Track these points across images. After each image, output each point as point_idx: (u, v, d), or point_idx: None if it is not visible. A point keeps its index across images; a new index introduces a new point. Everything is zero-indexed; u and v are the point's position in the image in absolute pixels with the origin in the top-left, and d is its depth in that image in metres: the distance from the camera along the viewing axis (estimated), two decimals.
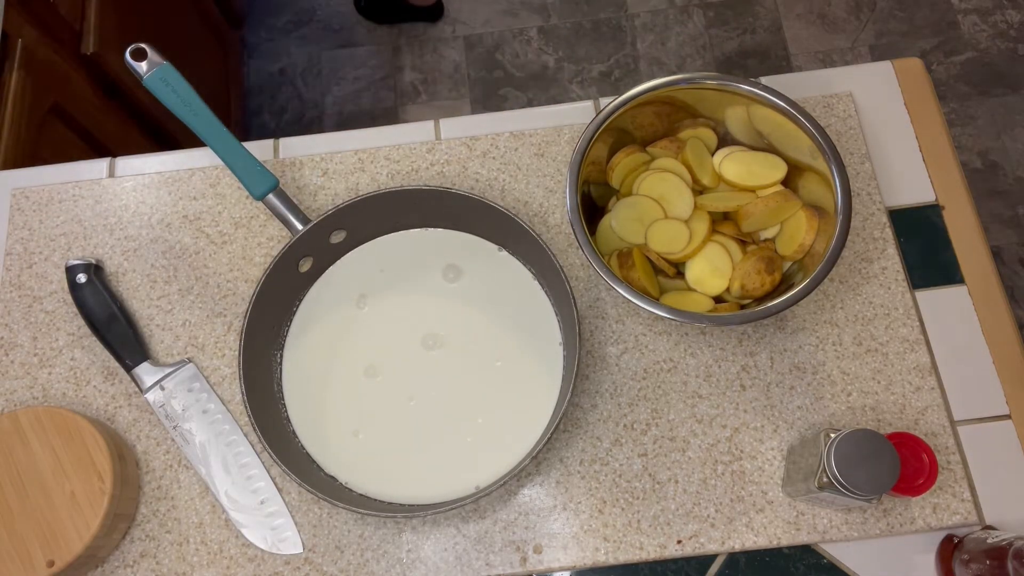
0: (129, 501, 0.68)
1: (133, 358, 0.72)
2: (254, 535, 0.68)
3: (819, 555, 0.66)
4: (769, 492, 0.67)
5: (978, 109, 1.80)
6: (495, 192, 0.78)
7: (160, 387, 0.72)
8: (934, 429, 0.69)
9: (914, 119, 0.80)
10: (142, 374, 0.72)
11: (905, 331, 0.72)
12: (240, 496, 0.69)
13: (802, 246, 0.68)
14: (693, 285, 0.70)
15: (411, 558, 0.67)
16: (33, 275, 0.77)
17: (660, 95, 0.70)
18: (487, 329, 0.73)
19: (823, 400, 0.70)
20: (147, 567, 0.67)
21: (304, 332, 0.74)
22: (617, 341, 0.72)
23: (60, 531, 0.64)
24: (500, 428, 0.70)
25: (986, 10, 1.89)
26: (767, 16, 1.92)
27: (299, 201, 0.78)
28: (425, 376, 0.72)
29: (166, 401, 0.72)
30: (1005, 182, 1.73)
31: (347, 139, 0.81)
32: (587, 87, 1.88)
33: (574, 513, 0.68)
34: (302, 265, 0.73)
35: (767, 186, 0.71)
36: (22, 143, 1.01)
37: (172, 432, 0.71)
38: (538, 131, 0.80)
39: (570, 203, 0.66)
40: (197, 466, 0.70)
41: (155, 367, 0.72)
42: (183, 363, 0.73)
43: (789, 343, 0.72)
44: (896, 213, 0.76)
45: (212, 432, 0.71)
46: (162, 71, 0.67)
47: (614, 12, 1.94)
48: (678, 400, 0.70)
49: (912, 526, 0.66)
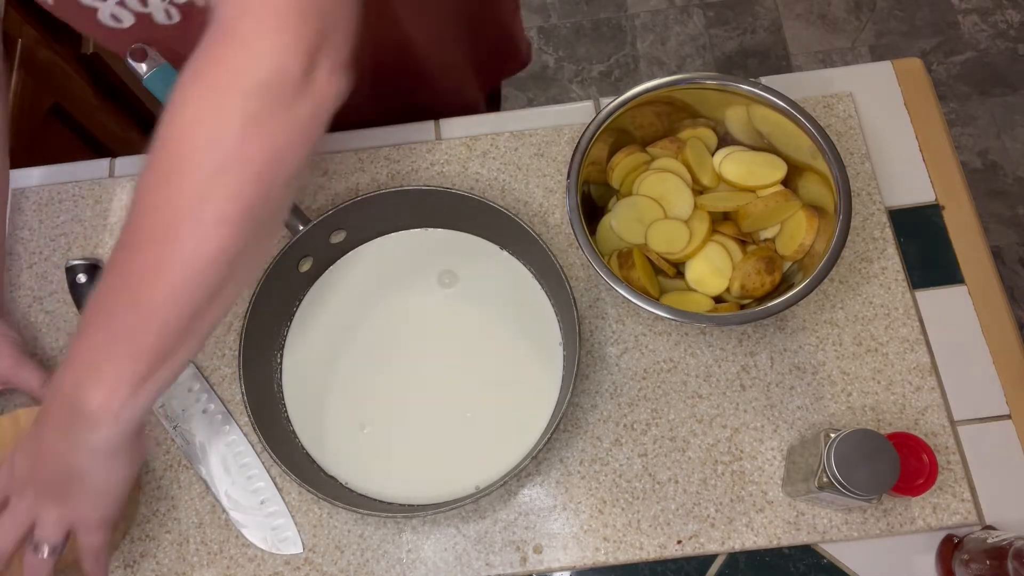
0: (130, 502, 0.68)
1: None
2: (254, 535, 0.68)
3: (819, 555, 0.66)
4: (769, 492, 0.67)
5: (978, 109, 1.80)
6: (495, 192, 0.78)
7: None
8: (934, 429, 0.69)
9: (914, 119, 0.80)
10: None
11: (905, 331, 0.72)
12: (240, 496, 0.69)
13: (802, 246, 0.68)
14: (693, 285, 0.70)
15: (411, 558, 0.67)
16: (33, 275, 0.77)
17: (660, 95, 0.70)
18: (487, 329, 0.73)
19: (823, 400, 0.70)
20: (147, 567, 0.67)
21: (304, 332, 0.74)
22: (617, 341, 0.72)
23: None
24: (500, 428, 0.70)
25: (986, 10, 1.89)
26: (767, 16, 1.92)
27: (299, 201, 0.78)
28: (425, 376, 0.72)
29: (166, 401, 0.72)
30: (1005, 182, 1.73)
31: (347, 139, 0.81)
32: (587, 87, 1.88)
33: (574, 513, 0.68)
34: (302, 265, 0.73)
35: (767, 186, 0.71)
36: (22, 143, 1.02)
37: (172, 432, 0.71)
38: (538, 131, 0.80)
39: (570, 203, 0.66)
40: (197, 466, 0.70)
41: None
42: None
43: (789, 343, 0.72)
44: (896, 213, 0.76)
45: (212, 432, 0.71)
46: (162, 71, 0.67)
47: (614, 12, 1.94)
48: (678, 400, 0.70)
49: (912, 526, 0.66)
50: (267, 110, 0.45)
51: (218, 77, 0.45)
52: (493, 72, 0.98)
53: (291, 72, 0.45)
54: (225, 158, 0.45)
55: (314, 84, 0.46)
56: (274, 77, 0.45)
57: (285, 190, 0.48)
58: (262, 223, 0.48)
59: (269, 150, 0.46)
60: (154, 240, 0.47)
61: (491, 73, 0.98)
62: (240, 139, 0.45)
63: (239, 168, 0.45)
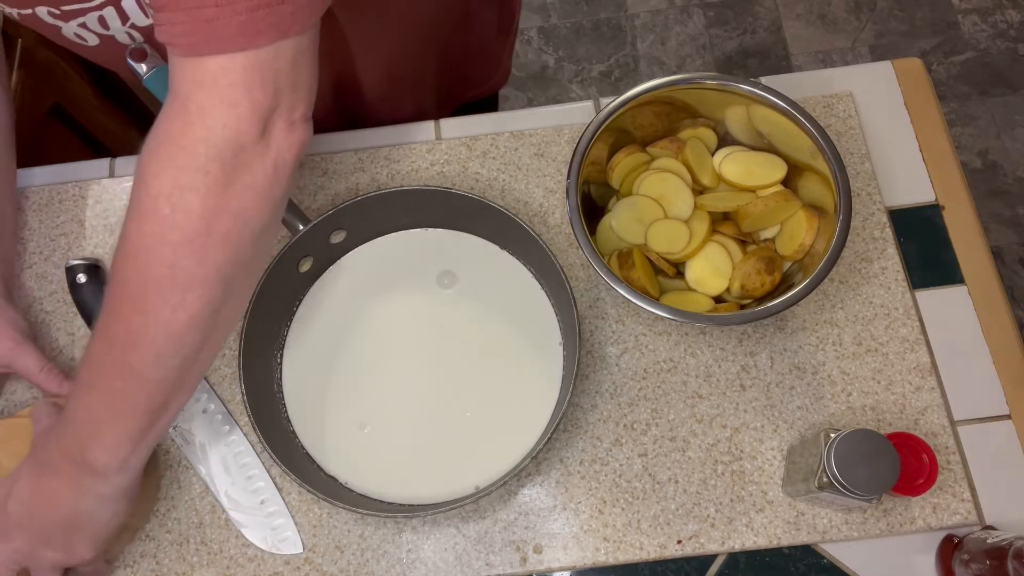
0: (146, 500, 0.68)
1: None
2: (254, 535, 0.68)
3: (819, 555, 0.66)
4: (769, 492, 0.67)
5: (978, 109, 1.80)
6: (495, 192, 0.78)
7: None
8: (934, 429, 0.69)
9: (914, 119, 0.80)
10: None
11: (905, 331, 0.72)
12: (240, 496, 0.69)
13: (802, 246, 0.68)
14: (693, 285, 0.70)
15: (411, 558, 0.67)
16: (33, 275, 0.77)
17: (660, 95, 0.70)
18: (487, 329, 0.73)
19: (823, 400, 0.70)
20: (147, 567, 0.67)
21: (304, 332, 0.74)
22: (617, 341, 0.72)
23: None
24: (500, 428, 0.70)
25: (986, 10, 1.89)
26: (767, 16, 1.92)
27: (299, 201, 0.78)
28: (425, 376, 0.72)
29: None
30: (1005, 182, 1.73)
31: (347, 139, 0.81)
32: (587, 87, 1.88)
33: (574, 513, 0.68)
34: (302, 265, 0.73)
35: (767, 186, 0.71)
36: (22, 143, 1.01)
37: (172, 432, 0.71)
38: (538, 131, 0.80)
39: (570, 203, 0.66)
40: (197, 466, 0.70)
41: None
42: None
43: (789, 343, 0.72)
44: (896, 213, 0.76)
45: (212, 432, 0.71)
46: (162, 71, 0.67)
47: (614, 12, 1.94)
48: (678, 400, 0.70)
49: (912, 526, 0.66)
50: (226, 176, 0.47)
51: (176, 153, 0.47)
52: (460, 92, 0.97)
53: (247, 137, 0.47)
54: (190, 228, 0.47)
55: (271, 143, 0.48)
56: (230, 146, 0.47)
57: (256, 246, 0.51)
58: (236, 280, 0.51)
59: (233, 213, 0.48)
60: (134, 310, 0.50)
61: (458, 93, 0.97)
62: (202, 208, 0.47)
63: (204, 235, 0.48)
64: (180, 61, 0.47)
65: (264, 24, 0.45)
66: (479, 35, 0.89)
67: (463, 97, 0.97)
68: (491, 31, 0.91)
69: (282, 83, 0.48)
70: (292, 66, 0.48)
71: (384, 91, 0.83)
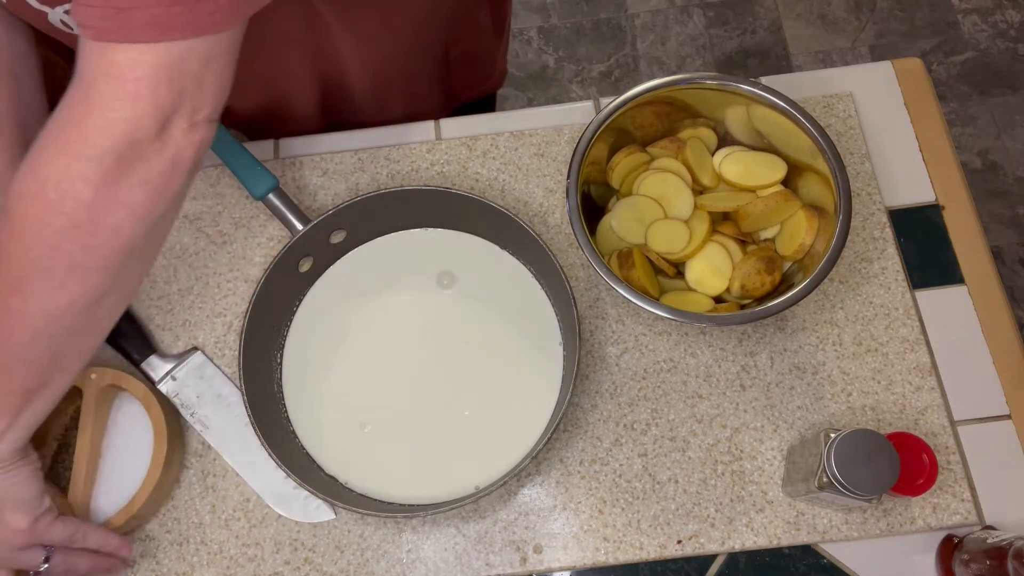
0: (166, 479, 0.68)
1: (140, 352, 0.72)
2: (286, 508, 0.68)
3: (819, 555, 0.66)
4: (769, 492, 0.68)
5: (978, 109, 1.80)
6: (495, 192, 0.78)
7: (171, 377, 0.72)
8: (934, 429, 0.69)
9: (914, 119, 0.80)
10: (152, 367, 0.72)
11: (905, 331, 0.72)
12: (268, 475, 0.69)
13: (802, 246, 0.68)
14: (693, 285, 0.70)
15: (411, 558, 0.67)
16: None
17: (660, 95, 0.70)
18: (487, 329, 0.73)
19: (823, 400, 0.70)
20: (147, 567, 0.68)
21: (304, 332, 0.74)
22: (617, 341, 0.72)
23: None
24: (500, 428, 0.70)
25: (986, 10, 1.89)
26: (767, 16, 1.92)
27: (299, 201, 0.78)
28: (425, 376, 0.72)
29: (179, 390, 0.72)
30: (1005, 182, 1.73)
31: (347, 139, 0.81)
32: (587, 87, 1.88)
33: (574, 513, 0.68)
34: (302, 265, 0.73)
35: (767, 186, 0.71)
36: None
37: (190, 420, 0.71)
38: (538, 131, 0.80)
39: (570, 203, 0.66)
40: (219, 449, 0.70)
41: (163, 359, 0.72)
42: (191, 352, 0.73)
43: (789, 343, 0.72)
44: (896, 213, 0.76)
45: (229, 415, 0.71)
46: None
47: (614, 12, 1.94)
48: (678, 400, 0.70)
49: (912, 526, 0.66)
50: (120, 168, 0.47)
51: (72, 140, 0.47)
52: (457, 93, 0.97)
53: (144, 133, 0.47)
54: (77, 215, 0.48)
55: (169, 141, 0.48)
56: (127, 139, 0.47)
57: (149, 237, 0.51)
58: (126, 269, 0.51)
59: (125, 205, 0.48)
60: (13, 290, 0.50)
61: (455, 94, 0.96)
62: (92, 198, 0.47)
63: (91, 223, 0.48)
64: (89, 44, 0.46)
65: (179, 20, 0.45)
66: (473, 36, 0.89)
67: (460, 99, 0.97)
68: (485, 32, 0.91)
69: (189, 84, 0.47)
70: (203, 66, 0.48)
71: (374, 92, 0.83)
